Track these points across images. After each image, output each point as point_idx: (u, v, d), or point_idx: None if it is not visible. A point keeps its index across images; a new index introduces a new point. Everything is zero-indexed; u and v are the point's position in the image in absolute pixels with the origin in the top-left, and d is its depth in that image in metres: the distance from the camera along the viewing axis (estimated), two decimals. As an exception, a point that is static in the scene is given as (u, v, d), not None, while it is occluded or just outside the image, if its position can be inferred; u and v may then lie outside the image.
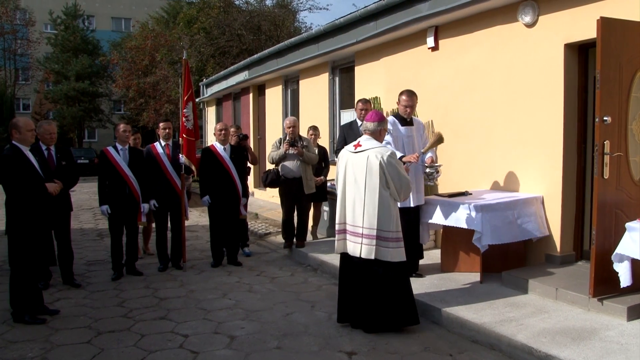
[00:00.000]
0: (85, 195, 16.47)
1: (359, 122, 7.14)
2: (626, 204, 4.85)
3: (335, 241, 4.91)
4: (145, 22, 30.93)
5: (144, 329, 4.89)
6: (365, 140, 4.77)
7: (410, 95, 5.85)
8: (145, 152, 7.03)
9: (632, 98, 4.82)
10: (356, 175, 4.68)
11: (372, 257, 4.58)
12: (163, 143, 7.05)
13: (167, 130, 7.09)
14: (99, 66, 35.72)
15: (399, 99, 5.89)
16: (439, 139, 5.69)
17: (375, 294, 4.62)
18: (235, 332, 4.79)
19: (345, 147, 5.03)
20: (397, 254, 4.62)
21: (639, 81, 4.84)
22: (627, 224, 4.25)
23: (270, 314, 5.26)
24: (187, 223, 7.43)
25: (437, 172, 5.64)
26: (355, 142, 4.87)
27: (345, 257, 4.85)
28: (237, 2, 23.99)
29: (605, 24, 4.59)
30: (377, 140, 4.80)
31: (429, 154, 5.80)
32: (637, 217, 4.47)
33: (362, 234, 4.62)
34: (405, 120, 5.85)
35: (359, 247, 4.64)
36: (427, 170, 5.59)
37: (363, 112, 7.07)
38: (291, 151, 7.38)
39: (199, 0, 24.91)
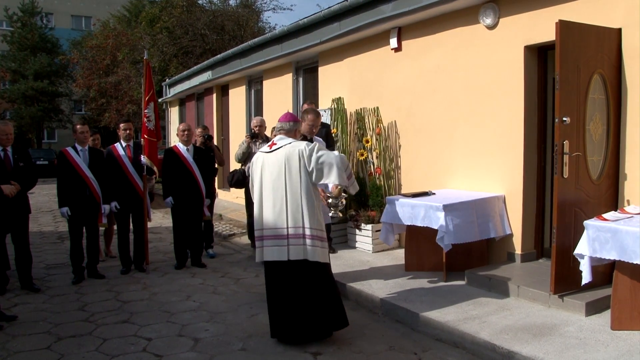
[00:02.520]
0: (44, 197, 16.06)
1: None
2: (585, 203, 4.98)
3: (256, 249, 4.56)
4: (107, 21, 30.30)
5: (105, 333, 4.78)
6: (279, 139, 4.52)
7: (317, 115, 5.65)
8: (105, 153, 6.90)
9: (590, 99, 4.94)
10: (274, 174, 4.39)
11: (301, 257, 4.31)
12: (124, 144, 6.92)
13: (127, 131, 6.97)
14: (59, 65, 34.79)
15: (304, 117, 5.62)
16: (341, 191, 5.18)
17: (307, 299, 4.36)
18: (200, 334, 4.73)
19: (260, 149, 4.77)
20: (324, 254, 4.39)
21: (596, 83, 4.97)
22: (586, 222, 4.35)
23: (235, 315, 5.22)
24: (150, 225, 7.31)
25: (342, 203, 5.02)
26: (269, 143, 4.66)
27: (269, 266, 4.49)
28: (200, 2, 23.72)
29: (563, 27, 4.69)
30: (293, 139, 4.55)
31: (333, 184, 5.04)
32: (595, 215, 4.59)
33: (288, 235, 4.32)
34: (306, 138, 5.43)
35: (286, 250, 4.33)
36: (330, 200, 4.97)
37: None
38: (255, 149, 7.28)
39: (162, 0, 24.56)
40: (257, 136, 7.32)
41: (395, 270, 6.26)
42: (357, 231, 7.49)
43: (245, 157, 7.38)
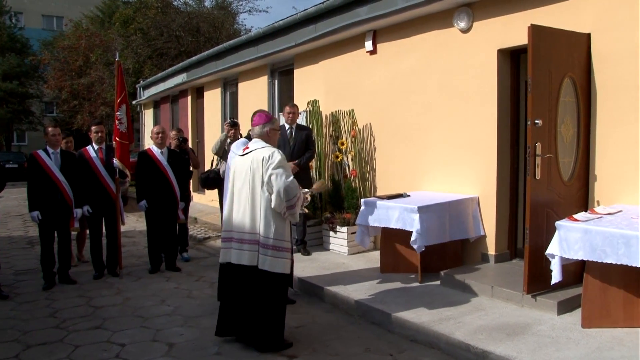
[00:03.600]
0: (13, 201, 15.75)
1: (287, 126, 7.15)
2: (556, 204, 5.06)
3: (221, 250, 4.56)
4: (79, 21, 29.83)
5: (77, 339, 4.69)
6: (253, 143, 4.50)
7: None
8: (77, 155, 6.78)
9: (561, 102, 5.03)
10: (241, 179, 4.40)
11: (254, 264, 4.26)
12: (96, 147, 6.83)
13: (99, 134, 6.87)
14: (29, 66, 34.06)
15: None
16: (323, 186, 5.17)
17: (249, 307, 4.32)
18: (174, 339, 4.67)
19: (236, 151, 4.83)
20: (277, 264, 4.26)
21: (567, 86, 5.06)
22: (557, 223, 4.42)
23: (210, 319, 5.15)
24: (123, 228, 7.21)
25: (307, 199, 4.89)
26: (244, 146, 4.71)
27: (224, 267, 4.50)
28: (175, 3, 23.54)
29: (535, 31, 4.77)
30: (267, 142, 4.49)
31: None
32: (566, 215, 4.66)
33: (246, 240, 4.32)
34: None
35: (245, 255, 4.31)
36: None
37: (290, 115, 7.08)
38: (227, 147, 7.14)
39: (136, 0, 24.29)
40: (237, 125, 7.15)
41: (371, 272, 6.28)
42: (333, 233, 7.49)
43: (222, 150, 7.16)
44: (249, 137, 5.22)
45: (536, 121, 4.79)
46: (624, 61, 4.87)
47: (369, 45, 7.56)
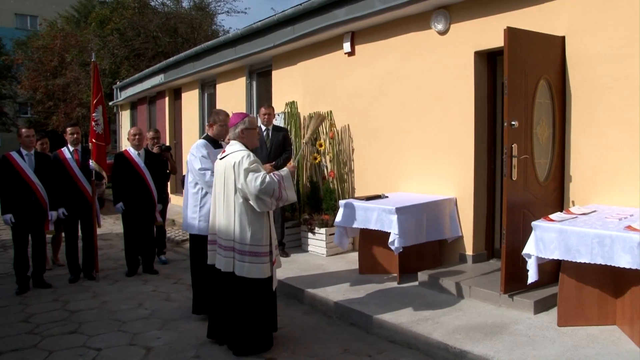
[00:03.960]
0: (-14, 203, 15.40)
1: (263, 128, 7.14)
2: (532, 204, 5.12)
3: (208, 252, 4.56)
4: (54, 21, 29.38)
5: (52, 344, 4.61)
6: (229, 146, 4.43)
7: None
8: (52, 157, 6.68)
9: (537, 104, 5.09)
10: (219, 183, 4.37)
11: (230, 270, 4.25)
12: (71, 148, 6.74)
13: (75, 135, 6.79)
14: (2, 66, 33.36)
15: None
16: (321, 119, 4.96)
17: (231, 309, 4.30)
18: (152, 342, 4.62)
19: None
20: (256, 269, 4.20)
21: (542, 88, 5.12)
22: (533, 223, 4.46)
23: (188, 322, 5.12)
24: (100, 231, 7.12)
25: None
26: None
27: (212, 269, 4.51)
28: (152, 3, 23.33)
29: (511, 33, 4.82)
30: (243, 143, 4.37)
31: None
32: (542, 216, 4.72)
33: (222, 245, 4.32)
34: (217, 142, 5.22)
35: (222, 260, 4.32)
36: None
37: (266, 116, 7.07)
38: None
39: (113, 1, 24.01)
40: None
41: (349, 274, 6.29)
42: (311, 235, 7.49)
43: None
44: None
45: (512, 122, 4.84)
46: (598, 64, 4.95)
47: (347, 46, 7.57)
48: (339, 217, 6.22)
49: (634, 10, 4.68)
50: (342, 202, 6.31)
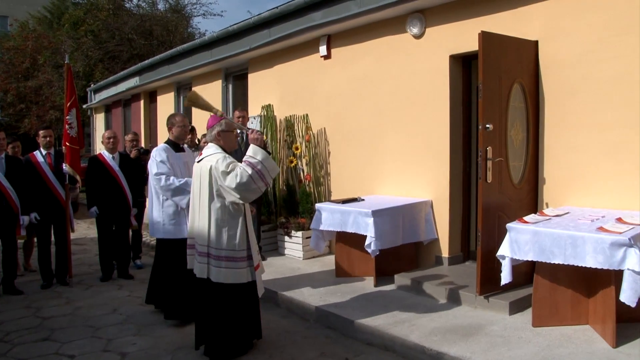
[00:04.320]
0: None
1: (238, 131, 7.10)
2: (507, 206, 5.17)
3: (187, 256, 4.45)
4: (25, 22, 28.86)
5: (23, 352, 4.51)
6: (206, 149, 4.35)
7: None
8: (24, 161, 6.55)
9: (511, 107, 5.15)
10: (195, 187, 4.30)
11: (205, 276, 4.19)
12: (44, 152, 6.61)
13: (47, 139, 6.67)
14: (-30, 67, 32.80)
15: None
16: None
17: (207, 314, 4.26)
18: (127, 348, 4.55)
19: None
20: (231, 274, 4.15)
21: (516, 91, 5.19)
22: (508, 225, 4.51)
23: (163, 327, 5.06)
24: (74, 236, 7.00)
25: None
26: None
27: (191, 273, 4.42)
28: (127, 5, 23.11)
29: (485, 37, 4.87)
30: (220, 145, 4.32)
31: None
32: (516, 218, 4.76)
33: (198, 251, 4.26)
34: (179, 146, 5.38)
35: (197, 265, 4.27)
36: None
37: (240, 119, 7.05)
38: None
39: (86, 2, 23.70)
40: (193, 130, 7.13)
41: (326, 277, 6.28)
42: (287, 238, 7.46)
43: None
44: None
45: (487, 125, 4.89)
46: (569, 67, 5.04)
47: (323, 50, 7.58)
48: (315, 221, 6.22)
49: (604, 16, 4.77)
50: (318, 205, 6.31)
